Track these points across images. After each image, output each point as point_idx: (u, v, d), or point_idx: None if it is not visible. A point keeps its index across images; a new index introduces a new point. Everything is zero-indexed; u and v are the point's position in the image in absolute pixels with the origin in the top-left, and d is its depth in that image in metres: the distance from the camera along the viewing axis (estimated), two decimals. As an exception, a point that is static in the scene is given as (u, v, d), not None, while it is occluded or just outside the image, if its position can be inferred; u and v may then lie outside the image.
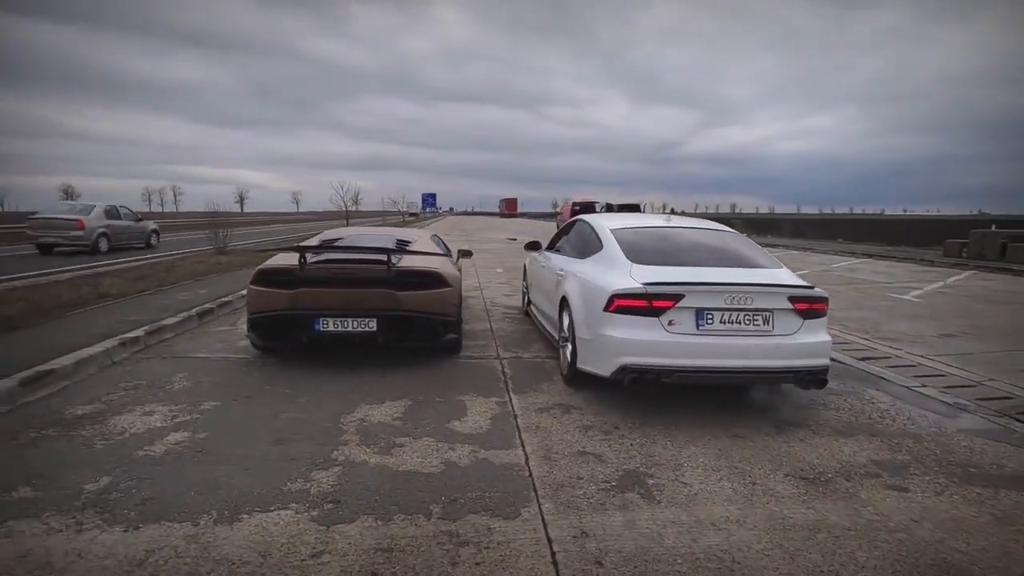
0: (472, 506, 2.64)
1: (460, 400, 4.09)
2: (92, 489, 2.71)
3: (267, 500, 2.64)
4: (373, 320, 4.66)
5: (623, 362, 3.71)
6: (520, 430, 3.56)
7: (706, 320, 3.70)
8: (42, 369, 4.09)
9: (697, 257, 4.28)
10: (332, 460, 3.07)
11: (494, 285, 10.24)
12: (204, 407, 3.83)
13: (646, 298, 3.71)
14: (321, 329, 4.64)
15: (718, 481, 2.94)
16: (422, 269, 4.86)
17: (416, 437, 3.42)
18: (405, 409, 3.88)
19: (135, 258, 13.45)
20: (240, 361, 4.98)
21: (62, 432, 3.37)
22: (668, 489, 2.84)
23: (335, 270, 4.73)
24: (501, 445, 3.33)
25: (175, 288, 8.42)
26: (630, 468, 3.07)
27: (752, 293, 3.71)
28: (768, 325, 3.75)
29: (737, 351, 3.69)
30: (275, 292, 4.66)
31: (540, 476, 2.94)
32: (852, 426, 3.77)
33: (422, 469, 3.00)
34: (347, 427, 3.55)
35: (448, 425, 3.62)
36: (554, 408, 3.96)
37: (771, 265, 4.31)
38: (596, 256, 4.58)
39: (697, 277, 3.79)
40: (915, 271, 13.98)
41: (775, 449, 3.37)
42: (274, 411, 3.79)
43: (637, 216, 5.53)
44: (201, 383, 4.35)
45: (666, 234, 4.70)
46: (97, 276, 9.64)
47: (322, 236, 6.01)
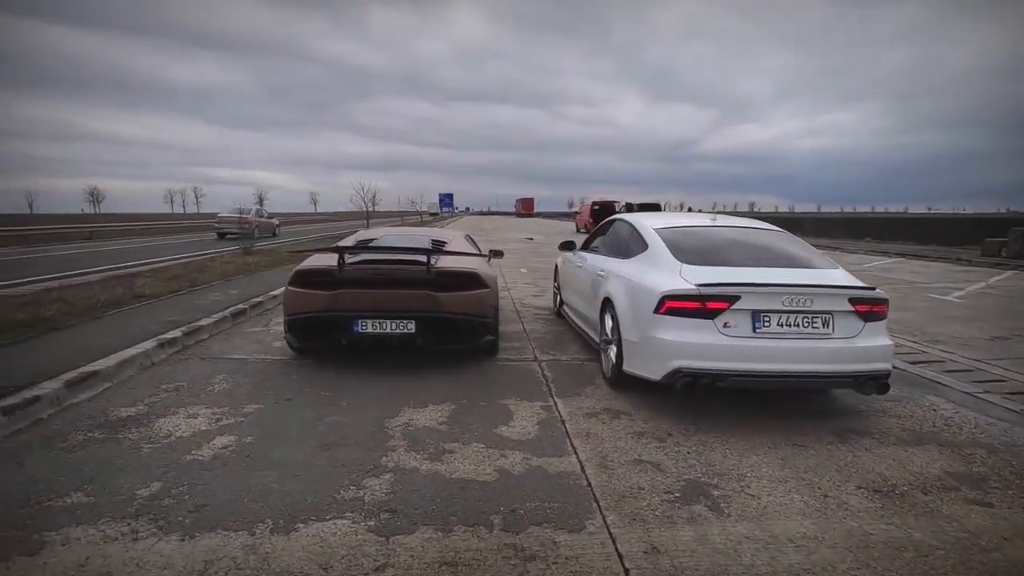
0: (533, 517, 2.53)
1: (504, 404, 3.98)
2: (144, 495, 2.65)
3: (321, 508, 2.56)
4: (412, 322, 4.59)
5: (676, 365, 3.58)
6: (570, 436, 3.44)
7: (763, 322, 3.56)
8: (86, 371, 4.08)
9: (749, 257, 4.12)
10: (382, 467, 2.99)
11: (520, 285, 10.15)
12: (247, 410, 3.78)
13: (699, 299, 3.58)
14: (360, 331, 4.57)
15: (787, 493, 2.80)
16: (461, 270, 4.77)
17: (465, 443, 3.32)
18: (449, 413, 3.79)
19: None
20: (277, 363, 4.94)
21: (108, 435, 3.34)
22: (736, 501, 2.70)
23: (374, 271, 4.67)
24: (553, 452, 3.22)
25: (206, 288, 8.45)
26: (691, 478, 2.93)
27: (812, 295, 3.56)
28: (828, 328, 3.59)
29: (796, 355, 3.53)
30: (313, 293, 4.61)
31: (599, 486, 2.83)
32: (918, 435, 3.59)
33: (476, 477, 2.90)
34: (393, 432, 3.47)
35: (495, 431, 3.52)
36: (602, 413, 3.84)
37: (826, 265, 4.15)
38: (641, 256, 4.44)
39: (753, 278, 3.64)
40: (952, 271, 13.55)
41: (840, 459, 3.21)
42: (317, 414, 3.73)
43: (679, 215, 5.39)
44: (241, 385, 4.30)
45: (713, 234, 4.54)
46: (131, 276, 9.74)
47: (357, 236, 5.95)
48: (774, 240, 4.53)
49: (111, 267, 12.51)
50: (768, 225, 4.96)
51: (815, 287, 3.61)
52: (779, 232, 4.73)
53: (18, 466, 2.93)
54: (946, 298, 9.30)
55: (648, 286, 3.90)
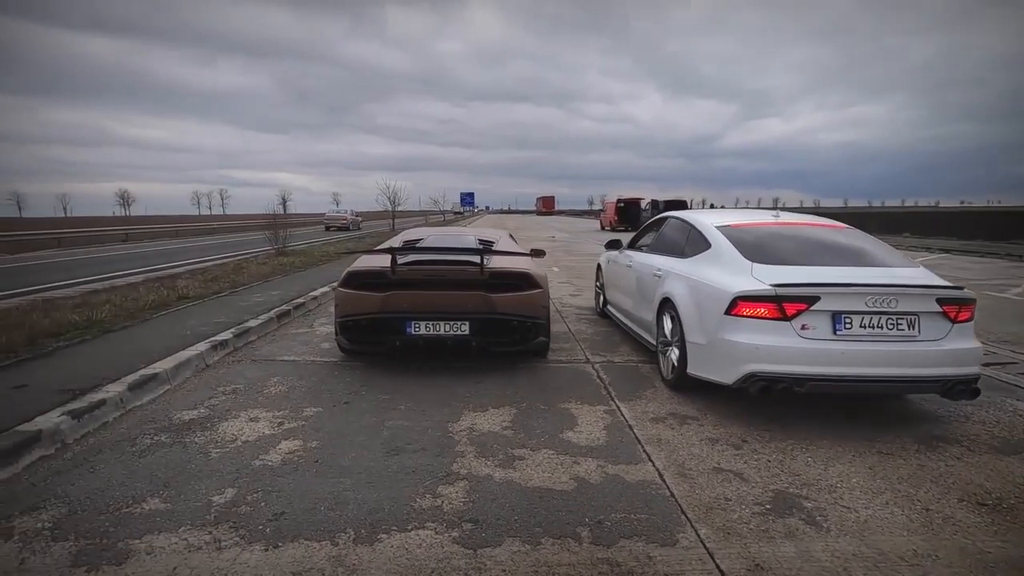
0: (621, 529, 2.42)
1: (565, 408, 3.88)
2: (220, 502, 2.61)
3: (401, 518, 2.49)
4: (466, 323, 4.51)
5: (750, 369, 3.44)
6: (641, 443, 3.32)
7: (844, 324, 3.39)
8: (146, 373, 4.10)
9: (823, 256, 3.94)
10: (455, 474, 2.91)
11: (556, 284, 10.01)
12: (306, 413, 3.75)
13: (776, 300, 3.42)
14: (413, 332, 4.51)
15: (885, 506, 2.64)
16: (514, 271, 4.68)
17: (533, 449, 3.22)
18: (511, 418, 3.70)
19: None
20: (328, 365, 4.91)
21: (175, 439, 3.32)
22: (832, 514, 2.56)
23: (427, 272, 4.60)
24: (627, 459, 3.10)
25: (247, 290, 8.51)
26: (778, 488, 2.79)
27: (897, 295, 3.38)
28: (914, 330, 3.40)
29: (879, 358, 3.36)
30: (366, 295, 4.56)
31: (683, 496, 2.70)
32: (1010, 443, 3.38)
33: (553, 486, 2.80)
34: (458, 437, 3.39)
35: (562, 436, 3.41)
36: (669, 418, 3.71)
37: (906, 264, 3.94)
38: (704, 255, 4.27)
39: (834, 277, 3.49)
40: (1006, 267, 13.02)
41: (933, 468, 3.03)
42: (378, 418, 3.67)
43: (737, 212, 5.23)
44: (296, 387, 4.28)
45: (781, 231, 4.34)
46: (171, 278, 9.89)
47: (403, 236, 5.90)
48: (846, 237, 4.32)
49: (150, 268, 12.75)
50: (834, 222, 4.75)
51: (901, 287, 3.43)
52: (849, 229, 4.50)
53: (91, 471, 2.92)
54: (1004, 296, 8.92)
55: (717, 286, 3.75)
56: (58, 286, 9.85)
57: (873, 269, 3.75)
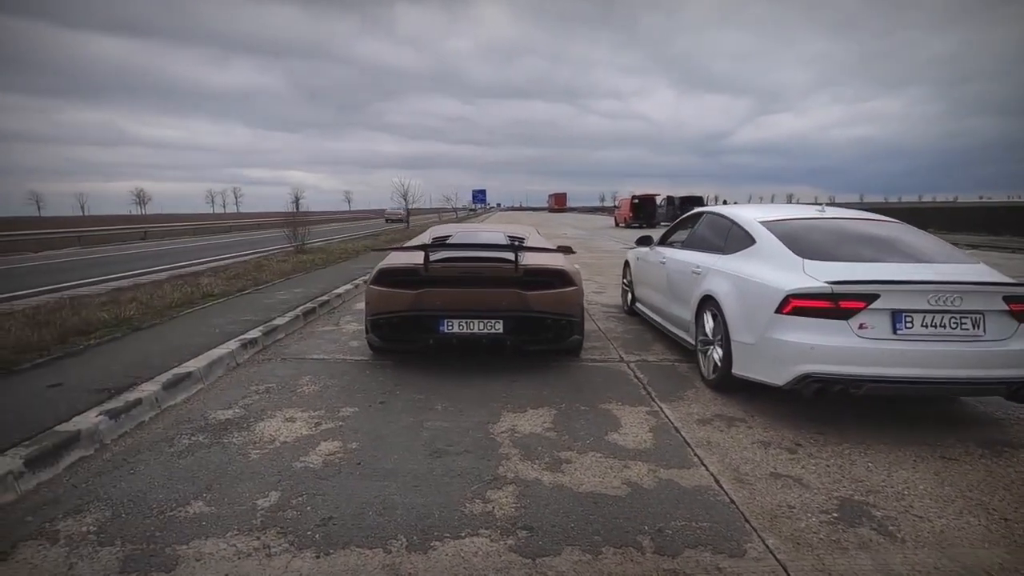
0: (684, 538, 2.31)
1: (606, 409, 3.77)
2: (265, 505, 2.54)
3: (453, 524, 2.40)
4: (500, 321, 4.42)
5: (805, 370, 3.29)
6: (691, 446, 3.20)
7: (904, 323, 3.23)
8: (179, 372, 4.05)
9: (878, 252, 3.78)
10: (502, 478, 2.82)
11: (579, 282, 9.90)
12: (343, 413, 3.67)
13: (832, 299, 3.27)
14: (446, 331, 4.43)
15: (960, 515, 2.50)
16: (549, 267, 4.58)
17: (580, 452, 3.12)
18: (552, 419, 3.60)
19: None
20: (358, 364, 4.84)
21: (213, 439, 3.27)
22: (905, 524, 2.43)
23: (461, 269, 4.51)
24: (678, 463, 2.99)
25: (270, 287, 8.50)
26: (843, 496, 2.66)
27: (961, 292, 3.20)
28: (978, 329, 3.23)
29: (942, 359, 3.18)
30: (398, 292, 4.48)
31: (743, 503, 2.58)
32: (1078, 447, 3.22)
33: (606, 491, 2.69)
34: (500, 438, 3.29)
35: (607, 438, 3.31)
36: (715, 420, 3.59)
37: (967, 260, 3.77)
38: (748, 252, 4.12)
39: (893, 274, 3.34)
40: (1037, 263, 12.68)
41: (1003, 475, 2.88)
42: (416, 419, 3.59)
43: (780, 207, 5.04)
44: (329, 387, 4.21)
45: (830, 226, 4.18)
46: (194, 275, 9.91)
47: (431, 233, 5.82)
48: (898, 232, 4.13)
49: (173, 266, 12.82)
50: (883, 217, 4.57)
51: (965, 284, 3.25)
52: (899, 224, 4.30)
53: (132, 473, 2.87)
54: (1043, 293, 8.65)
55: (766, 284, 3.60)
56: (83, 284, 9.92)
57: (933, 266, 3.57)
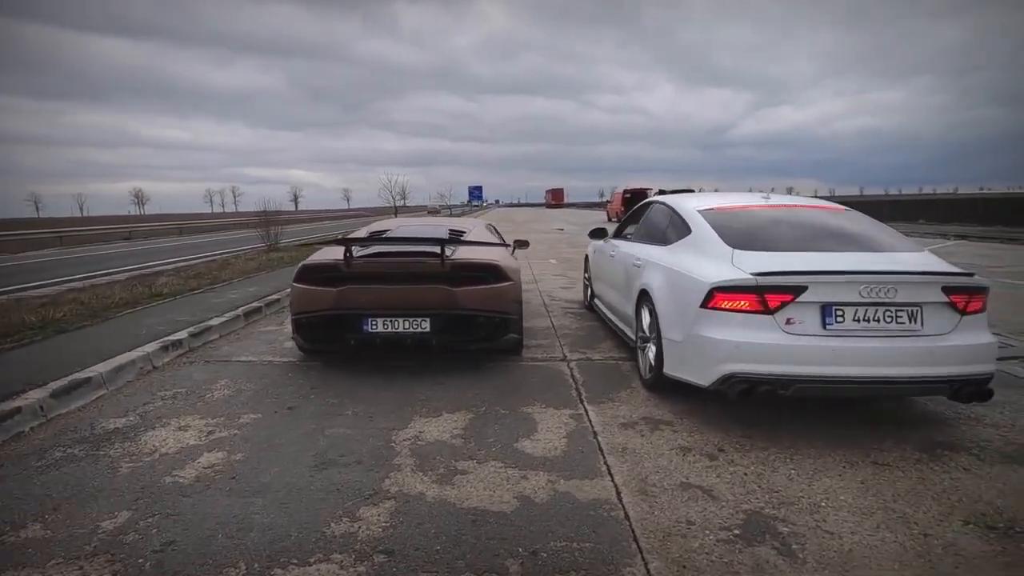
0: (558, 562, 2.06)
1: (527, 413, 3.52)
2: (108, 528, 2.30)
3: (306, 548, 2.15)
4: (427, 319, 4.17)
5: (729, 370, 3.04)
6: (604, 453, 2.95)
7: (835, 318, 2.97)
8: (77, 377, 3.80)
9: (814, 240, 3.51)
10: (383, 492, 2.57)
11: (549, 277, 9.65)
12: (243, 420, 3.43)
13: (757, 291, 3.01)
14: (370, 330, 4.18)
15: (875, 530, 2.25)
16: (480, 262, 4.32)
17: (480, 461, 2.87)
18: (466, 424, 3.36)
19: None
20: (285, 366, 4.60)
21: (89, 451, 3.02)
22: (811, 541, 2.18)
23: (385, 265, 4.26)
24: (584, 473, 2.74)
25: (226, 286, 8.25)
26: (752, 508, 2.41)
27: (896, 283, 2.94)
28: (916, 323, 2.98)
29: (876, 356, 2.93)
30: (320, 290, 4.23)
31: (639, 519, 2.34)
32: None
33: (491, 506, 2.44)
34: (400, 447, 3.05)
35: (517, 445, 3.06)
36: (640, 423, 3.34)
37: (910, 248, 3.48)
38: (683, 242, 3.87)
39: (823, 264, 3.06)
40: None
41: (935, 482, 2.63)
42: (319, 425, 3.34)
43: (726, 195, 4.79)
44: (243, 391, 3.96)
45: (769, 214, 3.90)
46: (155, 275, 9.66)
47: (370, 228, 5.57)
48: (842, 220, 3.85)
49: (140, 266, 12.56)
50: (832, 204, 4.30)
51: (900, 274, 2.99)
52: (847, 211, 4.04)
53: (-17, 489, 2.62)
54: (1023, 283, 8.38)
55: (693, 276, 3.35)
56: (38, 286, 9.66)
57: (870, 254, 3.31)
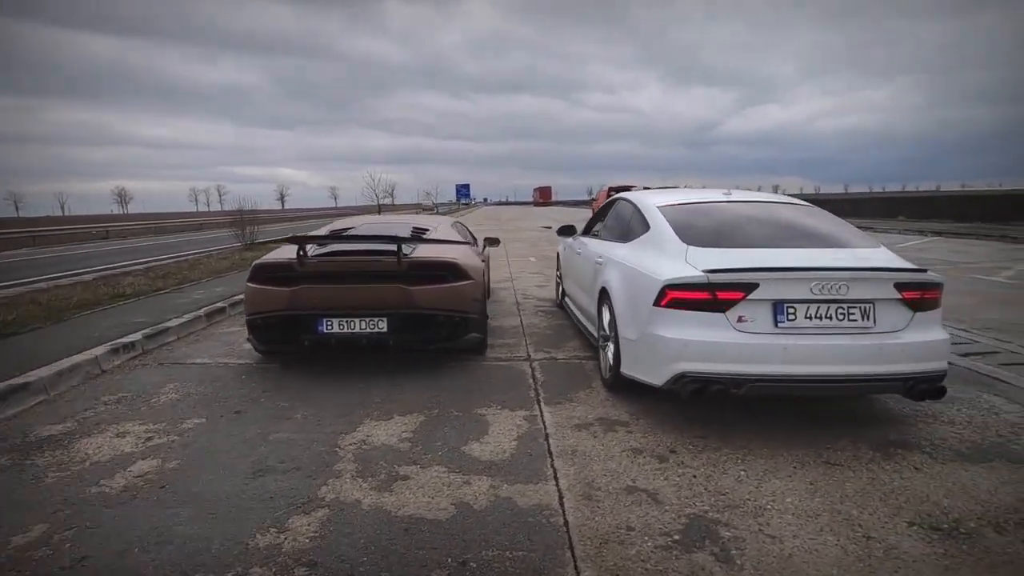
0: (487, 573, 1.98)
1: (481, 414, 3.44)
2: (19, 543, 2.18)
3: (225, 561, 2.05)
4: (383, 319, 4.06)
5: (680, 369, 2.98)
6: (553, 456, 2.88)
7: (787, 315, 2.92)
8: (15, 383, 3.66)
9: (769, 236, 3.47)
10: (318, 500, 2.47)
11: (526, 275, 9.56)
12: (186, 426, 3.31)
13: (708, 289, 2.94)
14: (325, 331, 4.07)
15: (818, 534, 2.19)
16: (438, 260, 4.22)
17: (424, 466, 2.78)
18: (416, 427, 3.26)
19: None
20: (240, 368, 4.47)
21: (16, 460, 2.89)
22: (751, 546, 2.12)
23: (339, 264, 4.15)
24: (528, 477, 2.66)
25: (193, 286, 8.08)
26: (696, 512, 2.35)
27: (847, 280, 2.89)
28: (868, 320, 2.93)
29: (828, 355, 2.89)
30: (273, 290, 4.11)
31: (578, 525, 2.26)
32: (980, 447, 2.93)
33: (427, 514, 2.36)
34: (344, 451, 2.95)
35: (465, 448, 2.97)
36: (595, 424, 3.27)
37: (866, 244, 3.44)
38: (642, 239, 3.80)
39: (774, 261, 3.00)
40: (1000, 249, 12.51)
41: (885, 482, 2.59)
42: (264, 430, 3.23)
43: (688, 191, 4.75)
44: (191, 395, 3.84)
45: (727, 210, 3.87)
46: (123, 275, 9.45)
47: (331, 226, 5.44)
48: (800, 216, 3.82)
49: (110, 266, 12.30)
50: (794, 199, 4.26)
51: (852, 270, 2.94)
52: (807, 207, 4.00)
53: None
54: (994, 279, 8.43)
55: (648, 274, 3.27)
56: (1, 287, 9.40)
57: (824, 250, 3.25)
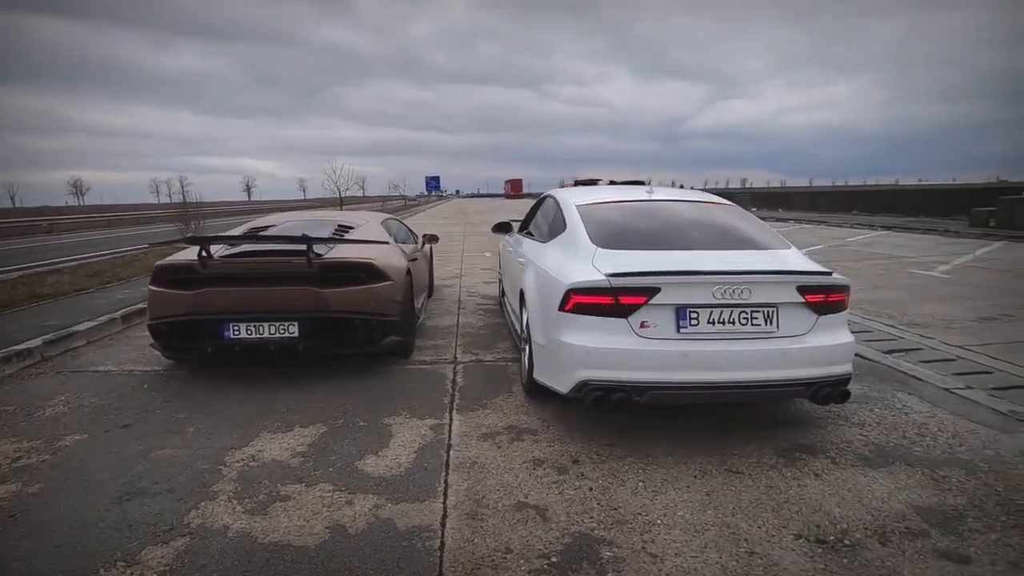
0: (342, 608, 1.84)
1: (387, 424, 3.28)
2: None
3: (54, 603, 1.86)
4: (294, 324, 3.86)
5: (583, 377, 2.87)
6: (449, 469, 2.75)
7: (689, 320, 2.83)
8: None
9: (681, 238, 3.42)
10: (182, 527, 2.29)
11: (477, 271, 9.42)
12: (63, 443, 3.07)
13: (611, 293, 2.84)
14: (232, 336, 3.85)
15: (702, 550, 2.12)
16: (353, 261, 4.03)
17: (310, 484, 2.62)
18: (315, 439, 3.09)
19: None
20: (145, 375, 4.21)
21: None
22: (630, 569, 2.02)
23: (246, 265, 3.93)
24: (417, 495, 2.52)
25: (121, 285, 7.69)
26: (582, 530, 2.25)
27: (749, 283, 2.82)
28: (771, 325, 2.87)
29: (731, 360, 2.82)
30: (175, 293, 3.87)
31: (454, 548, 2.14)
32: (883, 450, 2.92)
33: (296, 540, 2.20)
34: (228, 469, 2.76)
35: (359, 463, 2.82)
36: (502, 433, 3.15)
37: (776, 245, 3.38)
38: (558, 239, 3.70)
39: (676, 264, 2.90)
40: (939, 243, 12.90)
41: (782, 491, 2.53)
42: (147, 447, 3.01)
43: (614, 189, 4.67)
44: (82, 407, 3.58)
45: (645, 210, 3.79)
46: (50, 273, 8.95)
47: (250, 224, 5.18)
48: (716, 216, 3.76)
49: (43, 263, 11.66)
50: (713, 197, 4.20)
51: (754, 273, 2.87)
52: (726, 206, 3.95)
53: None
54: (930, 273, 8.65)
55: (555, 276, 3.16)
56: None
57: (732, 252, 3.20)
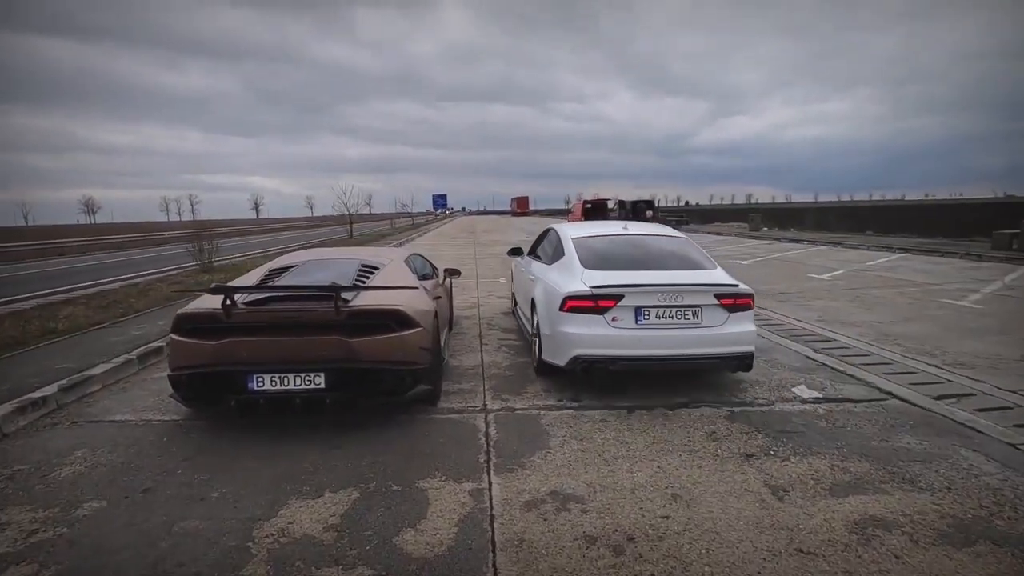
0: None
1: (423, 489, 3.09)
2: None
3: None
4: (320, 375, 3.70)
5: (575, 353, 4.26)
6: (496, 549, 2.55)
7: (644, 316, 4.22)
8: None
9: (639, 262, 4.75)
10: (212, 624, 2.10)
11: (494, 300, 9.24)
12: (81, 513, 2.89)
13: (592, 299, 4.23)
14: (256, 388, 3.68)
15: None
16: (381, 309, 3.87)
17: (347, 567, 2.43)
18: (347, 507, 2.90)
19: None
20: (164, 427, 4.04)
21: None
22: None
23: (270, 314, 3.77)
24: (464, 582, 2.32)
25: (137, 318, 7.57)
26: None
27: (682, 292, 4.19)
28: (698, 319, 4.24)
29: (671, 342, 4.20)
30: (197, 343, 3.71)
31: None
32: (962, 524, 2.69)
33: (338, 643, 2.00)
34: (258, 547, 2.57)
35: (397, 539, 2.62)
36: (547, 501, 2.94)
37: (706, 266, 4.79)
38: (559, 262, 5.10)
39: (634, 280, 4.28)
40: (963, 268, 12.62)
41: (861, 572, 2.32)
42: (170, 517, 2.83)
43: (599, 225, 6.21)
44: (98, 466, 3.41)
45: (619, 241, 5.27)
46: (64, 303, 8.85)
47: (269, 265, 5.02)
48: (668, 246, 5.18)
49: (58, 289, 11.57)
50: (671, 232, 5.66)
51: (685, 285, 4.23)
52: (678, 238, 5.41)
53: None
54: (961, 303, 8.39)
55: (557, 288, 4.55)
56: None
57: (674, 272, 4.51)
